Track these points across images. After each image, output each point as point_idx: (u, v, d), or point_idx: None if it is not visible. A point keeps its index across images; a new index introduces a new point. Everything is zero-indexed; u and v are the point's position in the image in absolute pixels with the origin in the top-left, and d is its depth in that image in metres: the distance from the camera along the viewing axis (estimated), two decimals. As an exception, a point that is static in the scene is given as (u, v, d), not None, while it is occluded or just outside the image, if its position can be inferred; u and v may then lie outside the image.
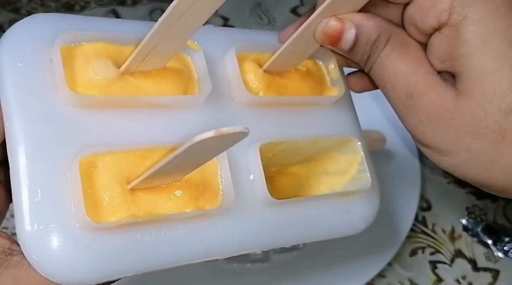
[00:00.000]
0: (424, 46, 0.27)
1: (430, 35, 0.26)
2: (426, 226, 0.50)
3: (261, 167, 0.26)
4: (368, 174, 0.30)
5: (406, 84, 0.26)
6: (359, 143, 0.30)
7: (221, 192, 0.25)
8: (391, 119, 0.53)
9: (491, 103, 0.24)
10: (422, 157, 0.53)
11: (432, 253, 0.48)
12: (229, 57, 0.28)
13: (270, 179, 0.32)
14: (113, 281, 0.24)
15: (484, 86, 0.24)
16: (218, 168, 0.25)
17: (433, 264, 0.48)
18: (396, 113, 0.28)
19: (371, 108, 0.54)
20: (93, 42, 0.24)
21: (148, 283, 0.42)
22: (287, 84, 0.29)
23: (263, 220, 0.27)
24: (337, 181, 0.31)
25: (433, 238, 0.49)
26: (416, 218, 0.49)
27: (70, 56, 0.24)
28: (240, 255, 0.46)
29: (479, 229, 0.49)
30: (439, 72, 0.26)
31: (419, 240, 0.49)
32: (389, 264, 0.46)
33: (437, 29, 0.26)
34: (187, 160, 0.22)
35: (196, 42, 0.27)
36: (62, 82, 0.23)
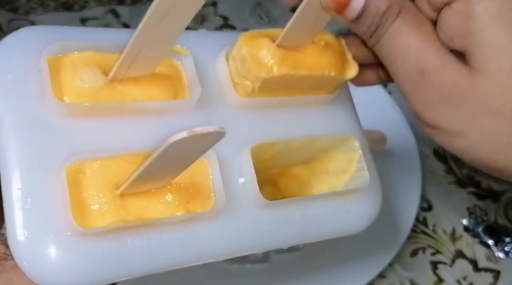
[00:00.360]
0: (434, 23, 0.26)
1: (440, 10, 0.25)
2: (426, 226, 0.50)
3: (253, 169, 0.26)
4: (367, 172, 0.29)
5: (418, 60, 0.25)
6: (357, 141, 0.30)
7: (213, 195, 0.25)
8: (391, 119, 0.53)
9: (507, 81, 0.23)
10: (423, 157, 0.53)
11: (432, 254, 0.48)
12: (219, 60, 0.28)
13: (273, 182, 0.32)
14: None
15: (499, 63, 0.23)
16: (209, 171, 0.25)
17: (434, 265, 0.47)
18: (403, 92, 0.27)
19: (371, 108, 0.54)
20: (81, 52, 0.25)
21: (146, 281, 0.41)
22: (303, 59, 0.28)
23: (257, 222, 0.27)
24: (337, 181, 0.31)
25: (433, 238, 0.49)
26: (417, 219, 0.49)
27: (58, 66, 0.24)
28: (240, 256, 0.47)
29: (480, 230, 0.49)
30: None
31: (420, 240, 0.49)
32: (390, 264, 0.46)
33: (448, 3, 0.25)
34: (168, 162, 0.22)
35: (185, 47, 0.27)
36: (50, 92, 0.23)
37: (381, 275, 0.46)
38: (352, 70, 0.29)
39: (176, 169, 0.23)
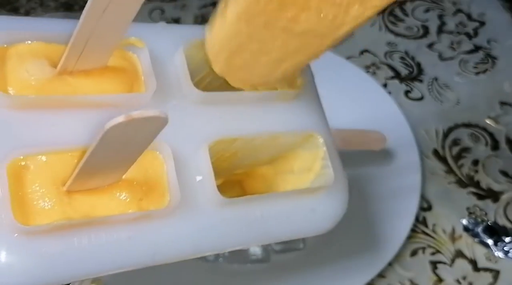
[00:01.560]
0: None
1: None
2: (426, 226, 0.50)
3: (210, 166, 0.25)
4: (331, 170, 0.28)
5: None
6: (321, 138, 0.29)
7: (167, 193, 0.24)
8: (391, 119, 0.53)
9: None
10: (422, 157, 0.53)
11: (432, 253, 0.48)
12: (177, 54, 0.27)
13: (239, 183, 0.32)
14: None
15: None
16: (163, 167, 0.24)
17: (434, 264, 0.47)
18: None
19: (371, 108, 0.54)
20: (29, 42, 0.24)
21: (146, 281, 0.41)
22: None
23: (214, 221, 0.26)
24: (303, 179, 0.30)
25: (433, 238, 0.49)
26: (416, 218, 0.49)
27: (3, 57, 0.23)
28: (240, 255, 0.47)
29: (479, 230, 0.49)
30: None
31: (420, 240, 0.49)
32: (390, 264, 0.46)
33: None
34: (110, 153, 0.21)
35: (143, 40, 0.26)
36: None
37: (381, 275, 0.46)
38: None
39: (122, 162, 0.22)
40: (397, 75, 0.61)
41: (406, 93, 0.59)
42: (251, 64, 0.25)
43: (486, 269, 0.47)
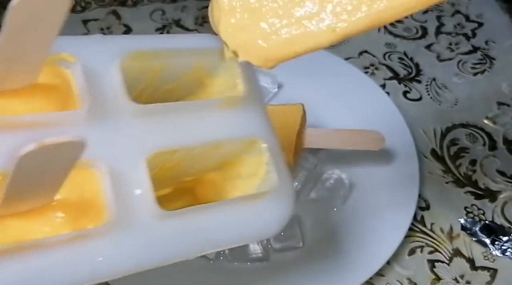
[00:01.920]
0: None
1: None
2: (424, 225, 0.50)
3: (149, 180, 0.25)
4: (275, 175, 0.28)
5: None
6: (265, 143, 0.29)
7: (106, 210, 0.23)
8: (389, 119, 0.53)
9: None
10: (420, 157, 0.53)
11: (430, 252, 0.48)
12: (113, 67, 0.26)
13: (191, 190, 0.31)
14: None
15: None
16: (100, 184, 0.24)
17: (432, 263, 0.48)
18: None
19: (369, 108, 0.55)
20: None
21: (146, 281, 0.42)
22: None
23: (156, 234, 0.25)
24: (250, 185, 0.29)
25: (431, 237, 0.49)
26: (414, 218, 0.49)
27: None
28: (240, 253, 0.47)
29: (477, 229, 0.50)
30: None
31: (418, 239, 0.49)
32: (388, 263, 0.47)
33: None
34: (32, 179, 0.20)
35: (75, 54, 0.25)
36: None
37: (380, 274, 0.46)
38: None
39: (48, 185, 0.21)
40: (395, 75, 0.61)
41: (405, 93, 0.59)
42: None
43: (483, 268, 0.48)
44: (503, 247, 0.48)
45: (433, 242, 0.49)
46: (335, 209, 0.50)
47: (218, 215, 0.27)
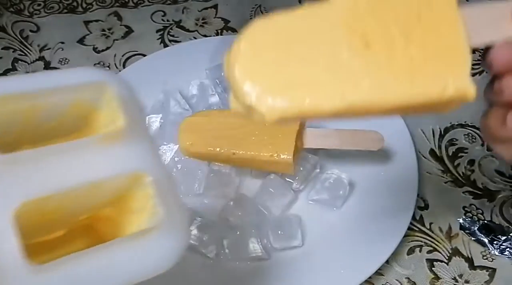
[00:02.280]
0: None
1: None
2: (423, 225, 0.50)
3: (16, 234, 0.23)
4: (162, 208, 0.27)
5: None
6: (149, 177, 0.27)
7: None
8: (388, 119, 0.53)
9: None
10: (419, 157, 0.54)
11: (429, 252, 0.49)
12: None
13: (89, 227, 0.30)
14: None
15: None
16: None
17: (431, 263, 0.48)
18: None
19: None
20: None
21: (146, 281, 0.42)
22: None
23: None
24: (141, 219, 0.28)
25: (430, 236, 0.50)
26: (413, 217, 0.50)
27: None
28: (240, 252, 0.47)
29: (475, 228, 0.50)
30: None
31: (417, 238, 0.49)
32: (387, 262, 0.47)
33: None
34: None
35: None
36: None
37: (379, 273, 0.47)
38: None
39: None
40: (395, 76, 0.61)
41: (404, 94, 0.59)
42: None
43: (482, 267, 0.48)
44: (501, 247, 0.49)
45: (432, 242, 0.49)
46: (334, 209, 0.50)
47: (100, 260, 0.25)
